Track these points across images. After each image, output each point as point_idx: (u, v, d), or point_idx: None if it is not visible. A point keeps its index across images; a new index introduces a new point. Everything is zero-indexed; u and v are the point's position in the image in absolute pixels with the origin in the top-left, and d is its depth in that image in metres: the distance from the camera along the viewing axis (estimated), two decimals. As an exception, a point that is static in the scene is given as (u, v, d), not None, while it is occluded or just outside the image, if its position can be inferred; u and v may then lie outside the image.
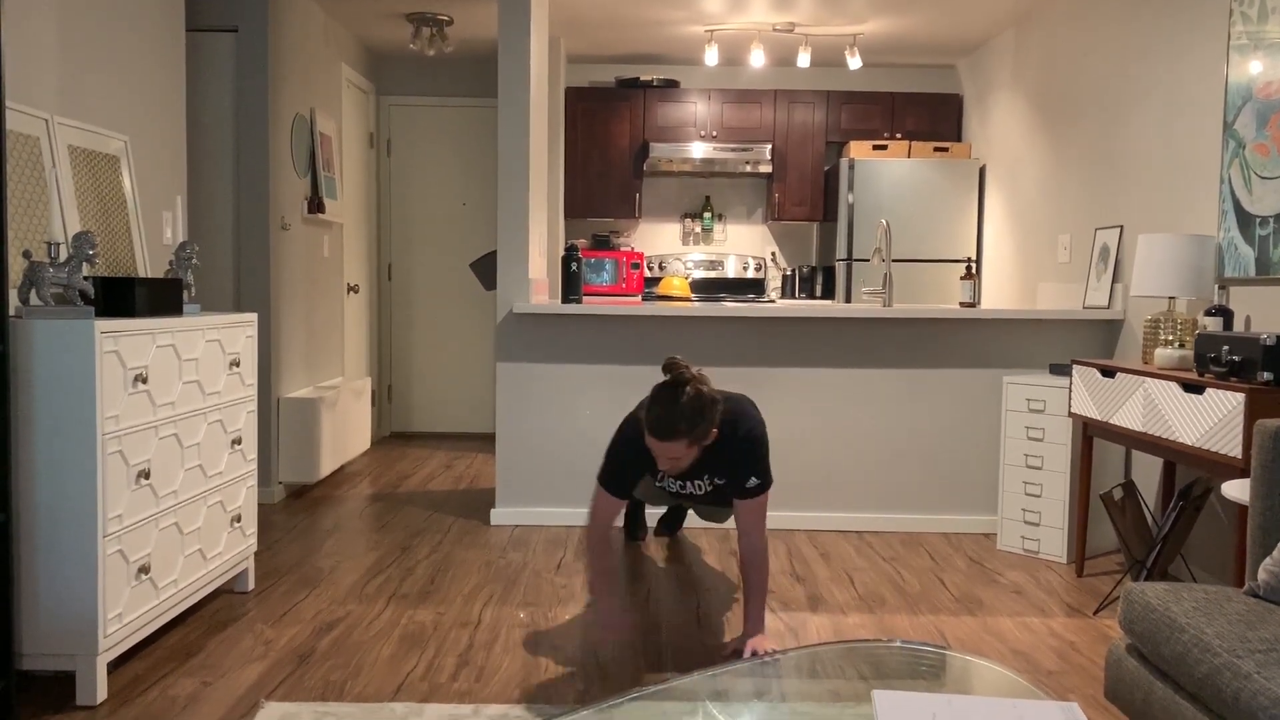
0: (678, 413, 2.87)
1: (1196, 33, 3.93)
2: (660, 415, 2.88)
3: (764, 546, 3.09)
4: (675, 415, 2.87)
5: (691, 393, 2.90)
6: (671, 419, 2.87)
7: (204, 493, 3.21)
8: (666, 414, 2.88)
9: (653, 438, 2.91)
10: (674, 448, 2.91)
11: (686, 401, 2.88)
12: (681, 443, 2.90)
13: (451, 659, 3.03)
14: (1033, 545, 4.24)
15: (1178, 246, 3.62)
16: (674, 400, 2.88)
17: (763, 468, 3.09)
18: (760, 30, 6.04)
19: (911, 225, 6.34)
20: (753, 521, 3.10)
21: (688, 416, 2.88)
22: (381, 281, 7.11)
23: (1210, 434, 3.05)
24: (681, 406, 2.88)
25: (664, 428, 2.88)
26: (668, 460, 2.96)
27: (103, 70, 3.44)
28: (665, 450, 2.92)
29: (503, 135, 4.61)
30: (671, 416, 2.87)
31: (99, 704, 2.67)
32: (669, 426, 2.87)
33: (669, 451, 2.92)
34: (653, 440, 2.92)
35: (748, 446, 3.08)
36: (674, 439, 2.88)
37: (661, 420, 2.88)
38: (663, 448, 2.92)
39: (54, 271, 2.72)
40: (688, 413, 2.88)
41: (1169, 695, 2.14)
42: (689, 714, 2.01)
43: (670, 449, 2.91)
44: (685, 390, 2.90)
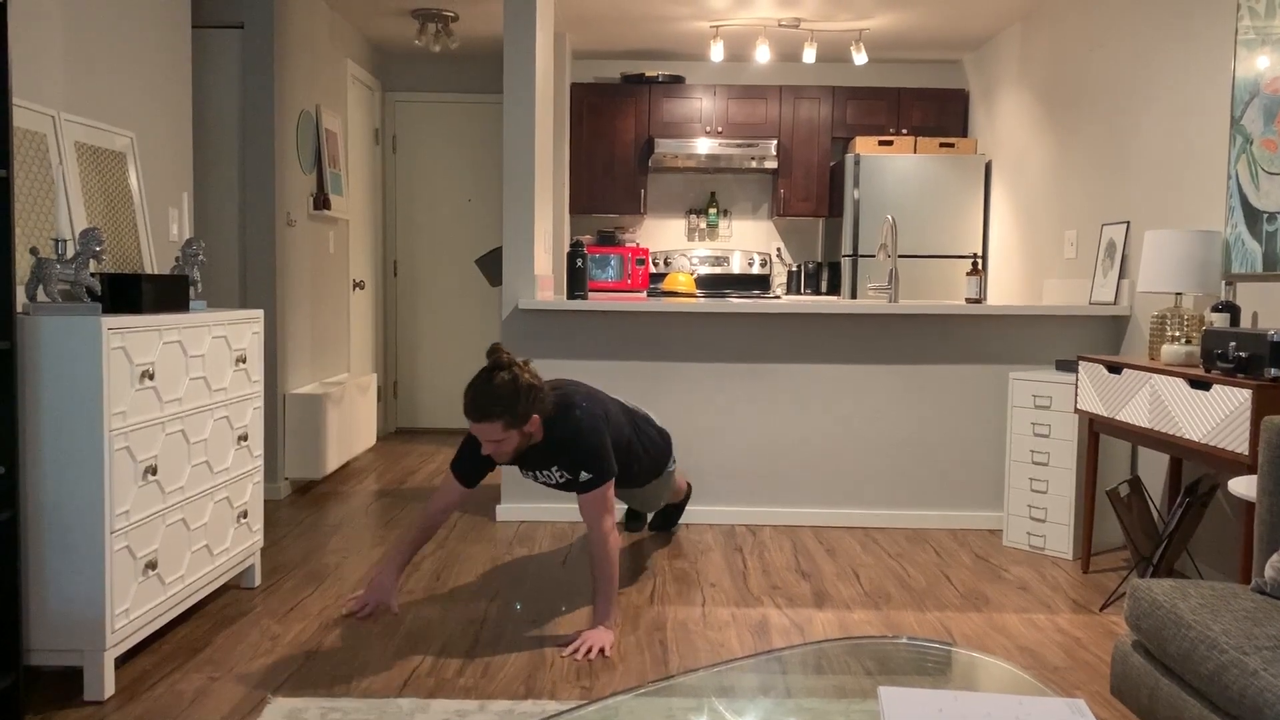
0: (490, 394, 2.96)
1: (1203, 28, 3.91)
2: (473, 397, 2.98)
3: (603, 540, 3.14)
4: (487, 397, 2.96)
5: (507, 377, 2.99)
6: (483, 400, 2.97)
7: (210, 489, 3.22)
8: (478, 395, 2.97)
9: (468, 419, 3.01)
10: (489, 429, 3.00)
11: (500, 384, 2.97)
12: (496, 425, 2.99)
13: (457, 655, 3.03)
14: (1039, 541, 4.23)
15: (1184, 242, 3.61)
16: (488, 382, 2.97)
17: (593, 462, 3.16)
18: (765, 25, 6.03)
19: (917, 221, 6.33)
20: (590, 515, 3.17)
21: (500, 399, 2.96)
22: (387, 278, 7.12)
23: (1217, 430, 3.04)
24: (494, 388, 2.96)
25: (476, 409, 2.99)
26: (489, 444, 3.05)
27: (109, 67, 3.45)
28: (482, 433, 3.02)
29: (508, 131, 4.61)
30: (483, 398, 2.96)
31: (106, 699, 2.68)
32: (481, 408, 2.97)
33: (485, 434, 3.02)
34: (470, 423, 3.02)
35: (574, 440, 3.16)
36: (487, 420, 2.98)
37: (474, 402, 2.98)
38: (478, 430, 3.02)
39: (61, 268, 2.72)
40: (500, 395, 2.96)
41: (1175, 692, 2.14)
42: (694, 710, 2.02)
43: (485, 431, 3.01)
44: (500, 374, 2.98)
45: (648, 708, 2.01)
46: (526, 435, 3.10)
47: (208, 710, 2.63)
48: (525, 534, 4.44)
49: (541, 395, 3.07)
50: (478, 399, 2.99)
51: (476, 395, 2.99)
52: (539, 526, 4.57)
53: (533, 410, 3.04)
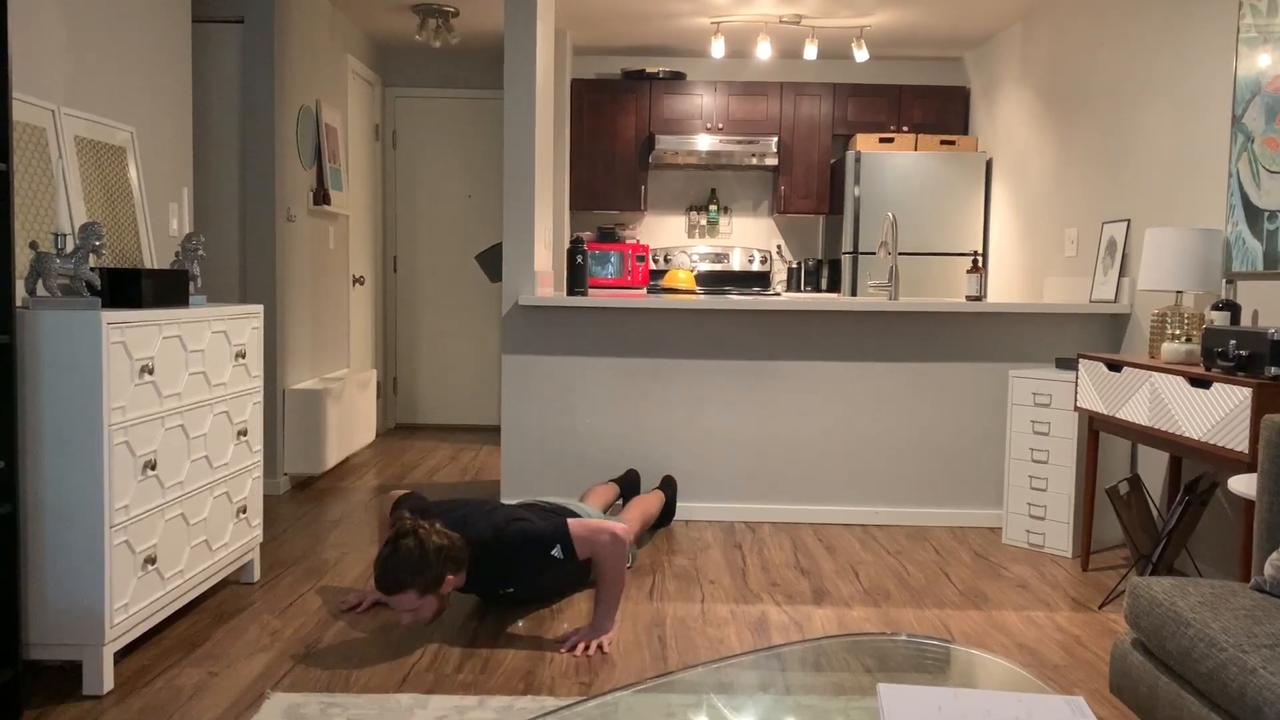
0: (398, 565, 2.89)
1: (1205, 26, 3.91)
2: (383, 570, 2.91)
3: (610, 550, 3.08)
4: (396, 569, 2.89)
5: (412, 544, 2.91)
6: (393, 573, 2.90)
7: (210, 484, 3.21)
8: (387, 568, 2.90)
9: (382, 593, 2.94)
10: (404, 600, 2.94)
11: (405, 553, 2.90)
12: (410, 594, 2.93)
13: (457, 650, 3.03)
14: (1038, 539, 4.23)
15: (1185, 240, 3.61)
16: (393, 554, 2.91)
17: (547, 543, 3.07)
18: (767, 22, 6.03)
19: (918, 218, 6.33)
20: (593, 549, 3.09)
21: (409, 568, 2.90)
22: (387, 273, 7.11)
23: (1217, 429, 3.04)
24: (400, 559, 2.90)
25: (388, 582, 2.91)
26: (407, 614, 2.98)
27: (109, 61, 3.44)
28: (397, 603, 2.95)
29: (508, 127, 4.60)
30: (393, 571, 2.89)
31: (105, 694, 2.68)
32: (392, 581, 2.90)
33: (401, 604, 2.95)
34: (384, 595, 2.94)
35: (514, 555, 3.09)
36: (400, 591, 2.92)
37: (382, 576, 2.91)
38: (394, 600, 2.95)
39: (60, 262, 2.72)
40: (408, 564, 2.90)
41: (1174, 690, 2.14)
42: (693, 706, 2.01)
43: (400, 601, 2.94)
44: (404, 542, 2.92)
45: (647, 704, 2.01)
46: (443, 597, 3.03)
47: (207, 705, 2.63)
48: (524, 530, 4.43)
49: (453, 552, 2.99)
50: (385, 572, 2.90)
51: (384, 568, 2.90)
52: (538, 523, 4.56)
53: (445, 572, 2.97)
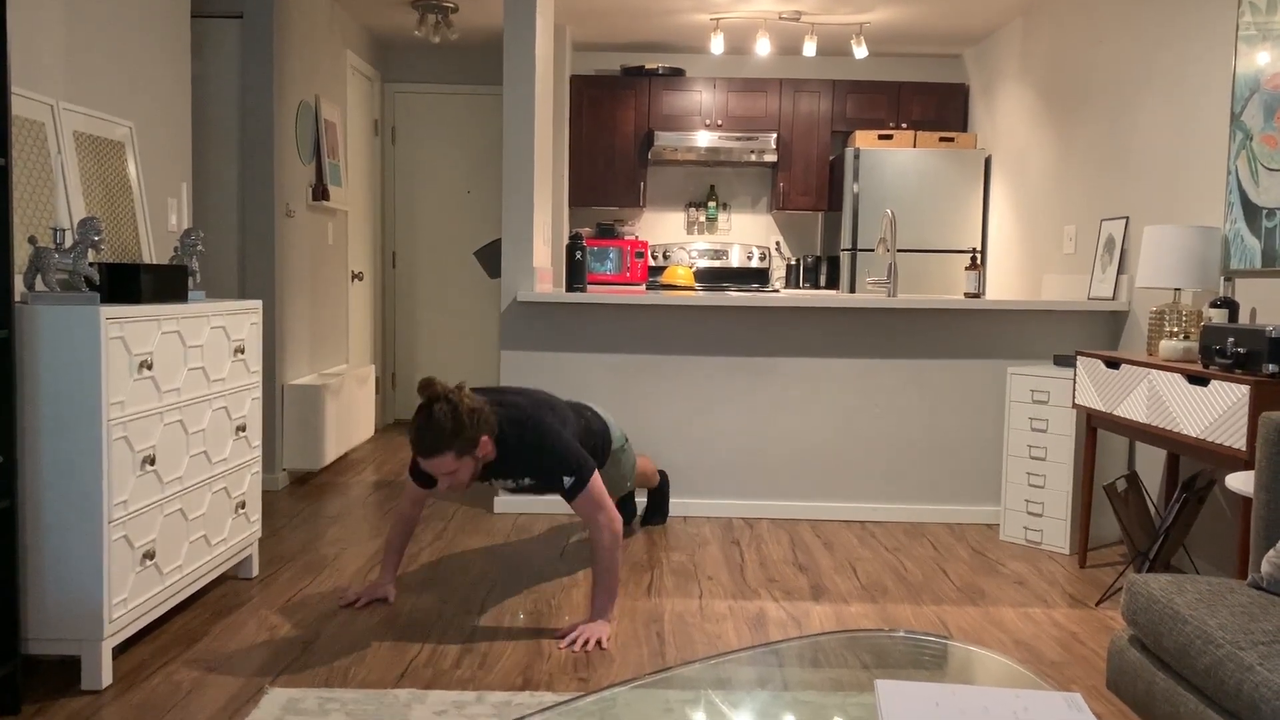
0: (434, 428, 2.94)
1: (1204, 23, 3.91)
2: (419, 436, 2.96)
3: (605, 539, 3.14)
4: (433, 433, 2.94)
5: (445, 408, 2.96)
6: (430, 437, 2.95)
7: (208, 479, 3.22)
8: (424, 433, 2.95)
9: (419, 458, 3.00)
10: (442, 463, 2.99)
11: (441, 417, 2.95)
12: (447, 457, 2.98)
13: (455, 646, 3.04)
14: (1035, 536, 4.24)
15: (1183, 238, 3.61)
16: (429, 418, 2.95)
17: (568, 464, 3.13)
18: (766, 18, 6.02)
19: (916, 215, 6.33)
20: (587, 514, 3.15)
21: (446, 432, 2.95)
22: (386, 269, 7.11)
23: (1214, 426, 3.04)
24: (436, 422, 2.95)
25: (426, 446, 2.96)
26: (444, 477, 3.03)
27: (108, 56, 3.44)
28: (434, 467, 3.00)
29: (508, 123, 4.60)
30: (430, 434, 2.95)
31: (104, 689, 2.68)
32: (430, 445, 2.96)
33: (438, 468, 3.00)
34: (422, 460, 3.00)
35: (538, 449, 3.14)
36: (437, 455, 2.97)
37: (422, 440, 2.96)
38: (431, 465, 3.00)
39: (59, 257, 2.72)
40: (444, 427, 2.94)
41: (1171, 686, 2.15)
42: (691, 702, 2.02)
43: (437, 465, 2.99)
44: (438, 406, 2.96)
45: (645, 699, 2.01)
46: (479, 459, 3.08)
47: (205, 700, 2.64)
48: (523, 525, 4.44)
49: (485, 416, 3.04)
50: (423, 436, 2.96)
51: (421, 433, 2.96)
52: (537, 518, 4.57)
53: (480, 433, 3.02)
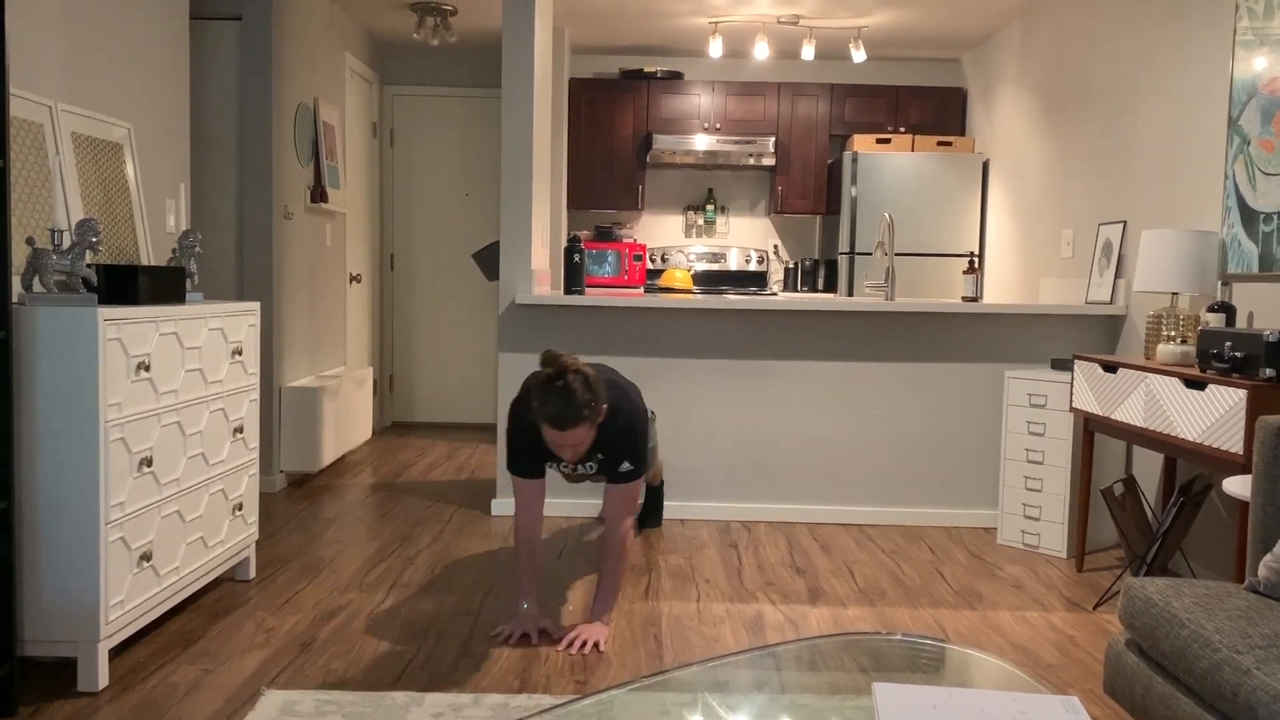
0: (573, 402, 2.90)
1: (1202, 28, 3.92)
2: (558, 408, 2.90)
3: (624, 537, 3.15)
4: (571, 405, 2.90)
5: (579, 378, 2.93)
6: (568, 409, 2.90)
7: (206, 481, 3.21)
8: (563, 405, 2.90)
9: (554, 430, 2.93)
10: (576, 434, 2.95)
11: (577, 388, 2.91)
12: (583, 428, 2.95)
13: (452, 648, 3.03)
14: (1033, 540, 4.24)
15: (1181, 242, 3.61)
16: (566, 391, 2.90)
17: (638, 455, 3.14)
18: (765, 22, 6.03)
19: (914, 219, 6.33)
20: (618, 510, 3.16)
21: (582, 403, 2.91)
22: (384, 271, 7.11)
23: (1212, 430, 3.05)
24: (573, 395, 2.90)
25: (563, 419, 2.90)
26: (570, 449, 2.99)
27: (107, 57, 3.44)
28: (568, 439, 2.96)
29: (506, 126, 4.60)
30: (568, 406, 2.90)
31: (100, 691, 2.68)
32: (568, 417, 2.90)
33: (571, 439, 2.96)
34: (554, 433, 2.94)
35: (628, 432, 3.13)
36: (575, 426, 2.92)
37: (561, 413, 2.90)
38: (565, 437, 2.95)
39: (57, 259, 2.72)
40: (581, 399, 2.91)
41: (1168, 690, 2.15)
42: (688, 705, 2.02)
43: (572, 436, 2.95)
44: (570, 378, 2.92)
45: (642, 702, 2.01)
46: (597, 427, 3.07)
47: (202, 702, 2.63)
48: (520, 529, 4.44)
49: (604, 384, 3.05)
50: (565, 410, 2.89)
51: (563, 407, 2.89)
52: (534, 521, 4.57)
53: (603, 401, 3.02)
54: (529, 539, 3.21)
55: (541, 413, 2.91)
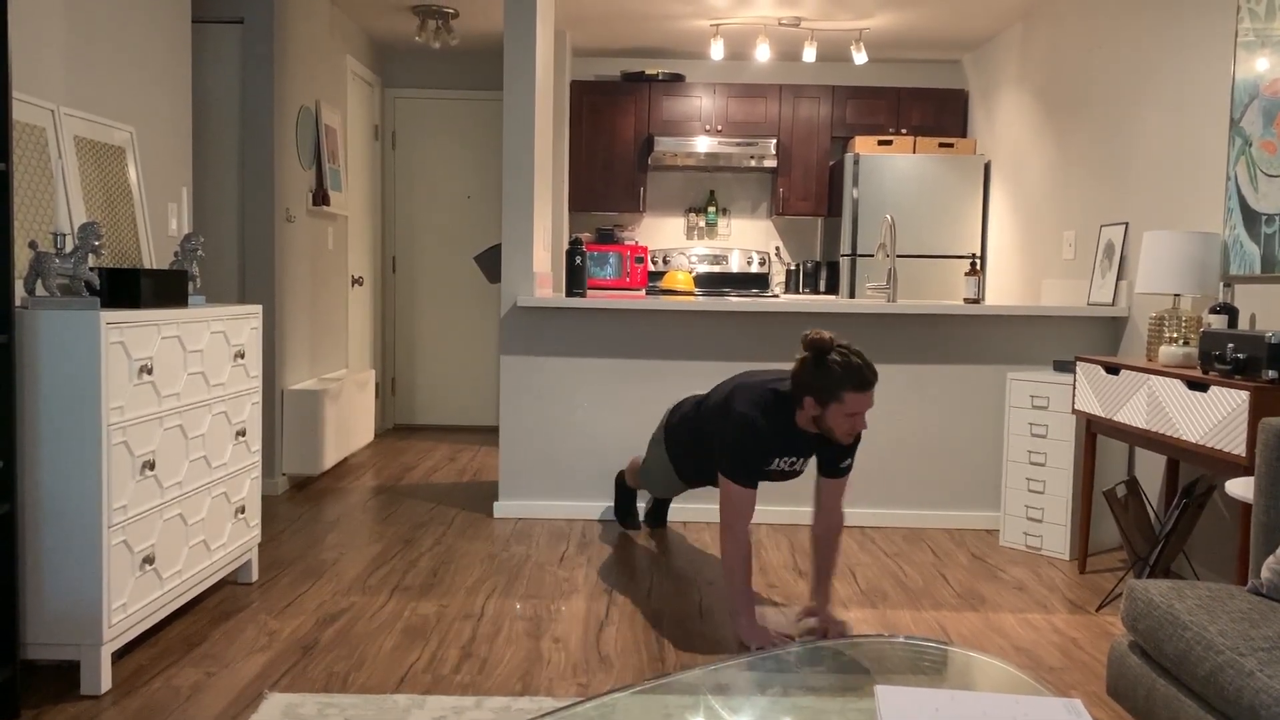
0: (867, 360, 3.02)
1: (1203, 29, 3.92)
2: (864, 366, 2.99)
3: (842, 522, 3.30)
4: (868, 363, 3.01)
5: (845, 345, 3.05)
6: (870, 365, 3.01)
7: (208, 484, 3.21)
8: (865, 363, 3.00)
9: (862, 394, 3.00)
10: (872, 395, 3.05)
11: (855, 351, 3.03)
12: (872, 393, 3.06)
13: (454, 651, 3.03)
14: (1035, 541, 4.24)
15: (1183, 243, 3.61)
16: (855, 352, 3.01)
17: (855, 450, 3.27)
18: (766, 24, 6.03)
19: (916, 221, 6.33)
20: (838, 500, 3.26)
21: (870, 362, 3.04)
22: (386, 274, 7.12)
23: (1214, 432, 3.04)
24: (863, 355, 3.02)
25: (873, 374, 3.00)
26: (863, 417, 3.06)
27: (109, 61, 3.45)
28: (869, 400, 3.03)
29: (508, 129, 4.61)
30: (868, 364, 3.01)
31: (103, 694, 2.68)
32: (874, 373, 3.02)
33: (870, 401, 3.04)
34: (861, 396, 3.00)
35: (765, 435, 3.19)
36: (875, 382, 3.03)
37: (869, 369, 3.00)
38: (868, 398, 3.02)
39: (60, 262, 2.72)
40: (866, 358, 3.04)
41: (1171, 692, 2.14)
42: (690, 708, 2.02)
43: (872, 397, 3.04)
44: (844, 345, 3.04)
45: (644, 705, 2.01)
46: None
47: (204, 705, 2.64)
48: (522, 530, 4.44)
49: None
50: (870, 370, 3.01)
51: (868, 363, 3.01)
52: (536, 523, 4.57)
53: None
54: (750, 553, 3.18)
55: (847, 381, 2.98)
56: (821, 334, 3.04)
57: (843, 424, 3.04)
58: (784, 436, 3.15)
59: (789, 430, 3.14)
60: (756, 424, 3.12)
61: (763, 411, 3.13)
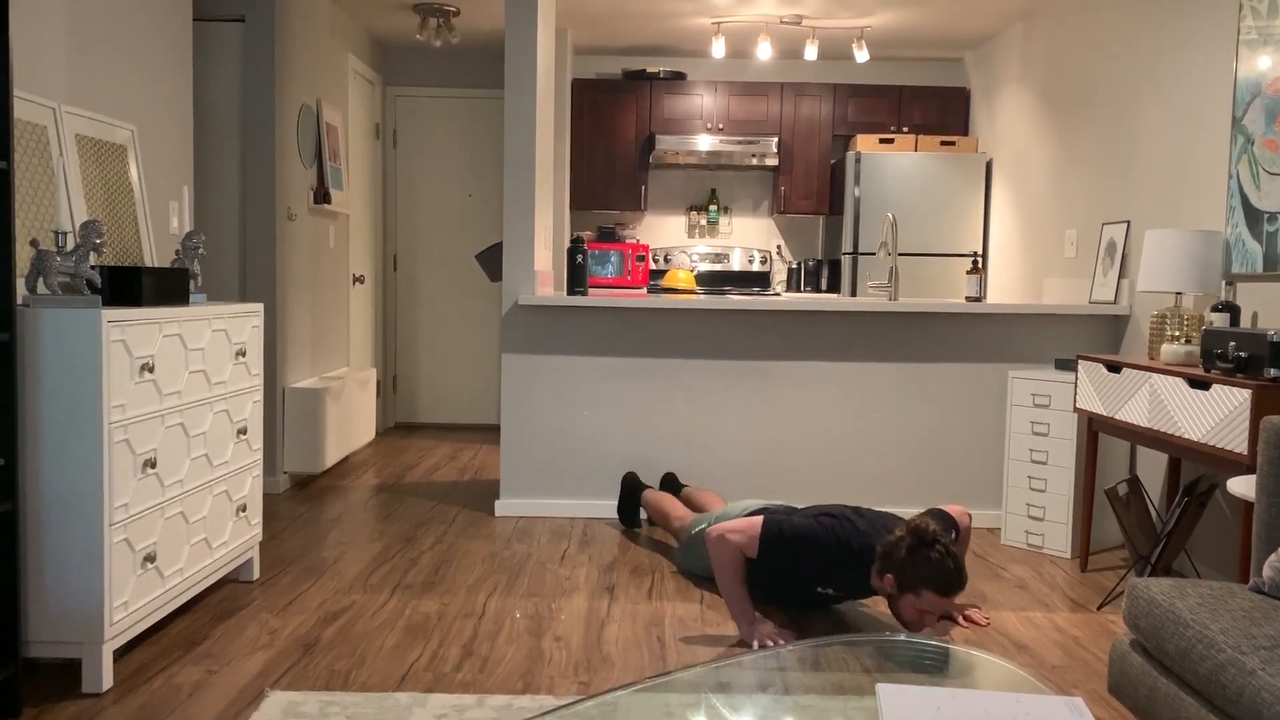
0: (963, 568, 2.93)
1: (1206, 27, 3.91)
2: (956, 573, 2.90)
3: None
4: (963, 570, 2.92)
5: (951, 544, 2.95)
6: (962, 574, 2.92)
7: (210, 482, 3.22)
8: (958, 570, 2.91)
9: (944, 597, 2.93)
10: (951, 603, 2.97)
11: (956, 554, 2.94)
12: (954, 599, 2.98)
13: (456, 649, 3.03)
14: (1037, 540, 4.23)
15: (1185, 242, 3.61)
16: (952, 556, 2.91)
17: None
18: (767, 22, 6.03)
19: (918, 219, 6.33)
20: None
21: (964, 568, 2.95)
22: (387, 272, 7.12)
23: (1216, 430, 3.04)
24: (959, 561, 2.92)
25: (958, 587, 2.92)
26: (938, 616, 2.98)
27: (110, 59, 3.44)
28: (947, 605, 2.95)
29: (509, 127, 4.60)
30: (962, 572, 2.92)
31: (104, 692, 2.68)
32: (963, 581, 2.92)
33: (949, 606, 2.97)
34: (940, 600, 2.93)
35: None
36: (954, 596, 2.95)
37: (959, 577, 2.91)
38: (948, 603, 2.95)
39: (61, 260, 2.72)
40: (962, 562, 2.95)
41: (1173, 691, 2.14)
42: (692, 706, 2.02)
43: (948, 605, 2.96)
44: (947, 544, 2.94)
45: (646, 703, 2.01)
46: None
47: (206, 703, 2.64)
48: (524, 529, 4.44)
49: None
50: (964, 574, 2.93)
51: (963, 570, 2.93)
52: (537, 522, 4.57)
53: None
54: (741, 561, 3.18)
55: (934, 582, 2.91)
56: (928, 525, 2.96)
57: (912, 615, 2.99)
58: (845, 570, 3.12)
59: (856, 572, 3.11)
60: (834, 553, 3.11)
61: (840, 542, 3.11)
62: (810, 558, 3.14)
